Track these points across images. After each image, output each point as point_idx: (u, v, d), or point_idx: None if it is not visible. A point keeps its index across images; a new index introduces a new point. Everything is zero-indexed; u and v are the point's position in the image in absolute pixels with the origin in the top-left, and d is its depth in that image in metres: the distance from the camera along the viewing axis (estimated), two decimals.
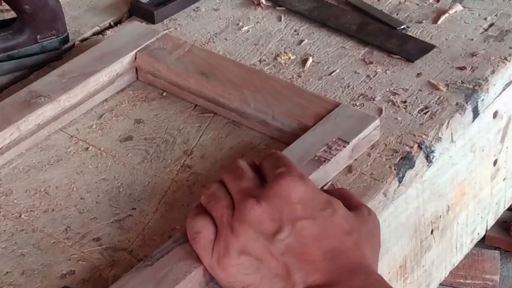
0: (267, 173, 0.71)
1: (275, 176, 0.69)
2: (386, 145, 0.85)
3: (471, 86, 0.93)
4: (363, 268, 0.66)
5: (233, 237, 0.67)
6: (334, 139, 0.81)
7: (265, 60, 0.98)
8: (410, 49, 0.99)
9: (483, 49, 0.99)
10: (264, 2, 1.07)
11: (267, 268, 0.66)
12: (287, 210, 0.67)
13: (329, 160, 0.79)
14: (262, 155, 0.75)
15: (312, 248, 0.66)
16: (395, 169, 0.83)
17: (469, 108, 0.91)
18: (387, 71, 0.96)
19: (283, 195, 0.67)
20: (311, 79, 0.95)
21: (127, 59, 0.93)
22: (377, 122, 0.84)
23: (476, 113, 0.92)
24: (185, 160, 0.84)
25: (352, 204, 0.72)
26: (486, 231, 1.06)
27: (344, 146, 0.80)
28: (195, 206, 0.72)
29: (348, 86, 0.94)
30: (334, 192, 0.73)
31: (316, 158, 0.79)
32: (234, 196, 0.69)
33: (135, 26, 0.98)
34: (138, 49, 0.93)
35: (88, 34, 1.03)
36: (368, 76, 0.95)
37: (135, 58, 0.93)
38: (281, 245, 0.66)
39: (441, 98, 0.92)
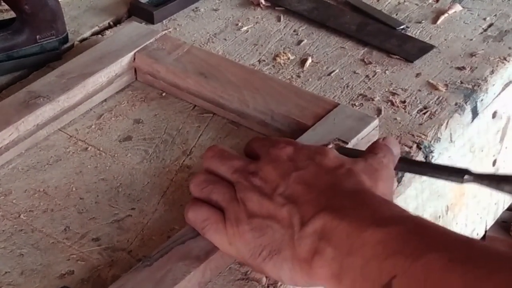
0: (258, 151, 0.74)
1: (266, 150, 0.73)
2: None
3: (470, 86, 0.93)
4: (357, 191, 0.68)
5: (240, 207, 0.70)
6: (333, 139, 0.81)
7: (264, 60, 0.98)
8: (410, 49, 0.99)
9: (482, 49, 0.99)
10: (263, 3, 1.07)
11: (275, 223, 0.68)
12: (280, 169, 0.71)
13: None
14: (247, 142, 0.78)
15: (307, 191, 0.69)
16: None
17: (468, 108, 0.91)
18: (386, 71, 0.96)
19: (274, 160, 0.72)
20: (310, 79, 0.95)
21: (126, 59, 0.93)
22: (376, 122, 0.84)
23: (475, 113, 0.92)
24: (184, 160, 0.84)
25: (370, 151, 0.74)
26: (486, 231, 1.06)
27: (338, 145, 0.80)
28: (189, 201, 0.74)
29: (347, 86, 0.94)
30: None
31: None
32: (229, 177, 0.72)
33: (134, 27, 0.98)
34: (137, 49, 0.93)
35: (87, 34, 1.03)
36: (367, 76, 0.95)
37: (134, 59, 0.93)
38: (281, 197, 0.69)
39: (440, 98, 0.92)
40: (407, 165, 0.79)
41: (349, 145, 0.81)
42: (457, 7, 1.06)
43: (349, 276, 0.63)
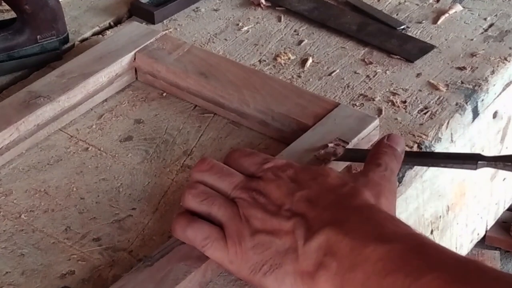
0: (252, 170, 0.74)
1: (265, 169, 0.73)
2: None
3: (471, 87, 0.93)
4: (361, 206, 0.68)
5: (244, 224, 0.69)
6: (333, 139, 0.81)
7: (265, 60, 0.98)
8: (410, 49, 0.99)
9: (483, 50, 0.99)
10: (264, 3, 1.07)
11: (278, 237, 0.68)
12: (284, 189, 0.71)
13: (329, 160, 0.79)
14: (227, 154, 0.77)
15: (312, 208, 0.69)
16: None
17: (469, 108, 0.91)
18: (387, 71, 0.96)
19: (277, 179, 0.72)
20: (311, 79, 0.95)
21: (126, 59, 0.93)
22: (376, 122, 0.84)
23: (476, 113, 0.92)
24: (185, 160, 0.84)
25: (372, 161, 0.74)
26: (486, 231, 1.06)
27: (343, 146, 0.80)
28: (178, 215, 0.72)
29: (348, 86, 0.94)
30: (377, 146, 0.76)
31: (316, 158, 0.79)
32: (230, 192, 0.72)
33: (135, 27, 0.98)
34: (138, 49, 0.93)
35: (88, 34, 1.03)
36: (368, 76, 0.95)
37: (135, 59, 0.93)
38: (286, 213, 0.69)
39: (441, 98, 0.92)
40: (418, 158, 0.79)
41: (350, 145, 0.81)
42: (458, 7, 1.06)
43: None
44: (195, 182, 0.74)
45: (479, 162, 0.73)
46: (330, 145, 0.80)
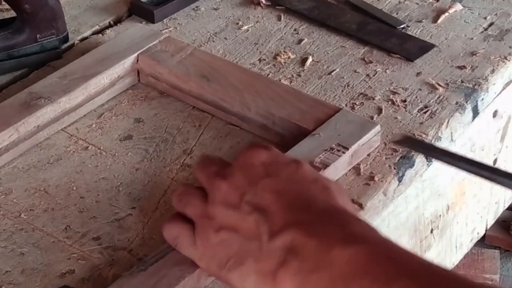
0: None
1: (240, 152, 0.71)
2: (386, 144, 0.85)
3: (471, 86, 0.93)
4: (330, 206, 0.66)
5: (208, 220, 0.68)
6: (333, 145, 0.80)
7: (264, 60, 0.98)
8: (410, 48, 0.99)
9: (483, 49, 0.99)
10: (263, 2, 1.07)
11: (242, 234, 0.67)
12: (250, 174, 0.69)
13: (328, 165, 0.79)
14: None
15: (277, 200, 0.66)
16: (395, 168, 0.83)
17: (468, 107, 0.91)
18: (387, 70, 0.96)
19: (246, 163, 0.69)
20: (310, 78, 0.95)
21: (128, 61, 0.92)
22: (377, 128, 0.83)
23: (476, 113, 0.92)
24: (184, 159, 0.84)
25: None
26: (486, 230, 1.06)
27: (343, 152, 0.80)
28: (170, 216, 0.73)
29: (348, 85, 0.94)
30: None
31: (316, 163, 0.79)
32: (204, 184, 0.71)
33: (137, 28, 0.97)
34: (140, 51, 0.93)
35: (87, 33, 1.03)
36: (368, 75, 0.95)
37: (137, 61, 0.93)
38: (247, 206, 0.67)
39: (441, 97, 0.92)
40: (460, 161, 0.73)
41: (350, 151, 0.80)
42: (458, 6, 1.06)
43: None
44: (188, 182, 0.74)
45: None
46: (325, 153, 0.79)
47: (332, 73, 0.96)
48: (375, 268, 0.60)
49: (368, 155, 0.83)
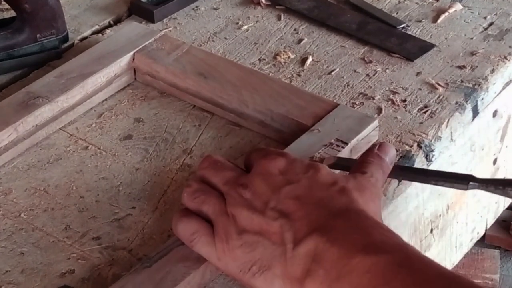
0: (252, 162, 0.73)
1: (257, 160, 0.72)
2: None
3: (470, 85, 0.93)
4: (350, 210, 0.68)
5: (230, 221, 0.69)
6: (332, 140, 0.80)
7: (264, 59, 0.98)
8: (410, 48, 0.99)
9: (483, 48, 0.99)
10: (263, 1, 1.07)
11: (266, 239, 0.68)
12: (270, 182, 0.70)
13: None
14: (247, 153, 0.77)
15: (299, 206, 0.68)
16: None
17: (468, 107, 0.91)
18: (387, 70, 0.96)
19: (264, 171, 0.71)
20: (310, 78, 0.95)
21: (125, 60, 0.92)
22: (375, 123, 0.84)
23: (475, 112, 0.92)
24: (184, 159, 0.84)
25: (358, 169, 0.73)
26: (486, 230, 1.06)
27: (343, 147, 0.80)
28: (176, 211, 0.73)
29: (348, 85, 0.94)
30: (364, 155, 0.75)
31: (315, 159, 0.79)
32: (221, 188, 0.71)
33: (134, 27, 0.97)
34: (136, 50, 0.93)
35: (87, 33, 1.03)
36: (367, 75, 0.95)
37: (133, 59, 0.93)
38: (273, 212, 0.68)
39: (441, 97, 0.92)
40: (410, 173, 0.79)
41: (349, 145, 0.80)
42: (458, 6, 1.06)
43: None
44: (196, 180, 0.74)
45: (470, 183, 0.73)
46: (319, 152, 0.79)
47: (332, 73, 0.96)
48: (393, 278, 0.61)
49: None
